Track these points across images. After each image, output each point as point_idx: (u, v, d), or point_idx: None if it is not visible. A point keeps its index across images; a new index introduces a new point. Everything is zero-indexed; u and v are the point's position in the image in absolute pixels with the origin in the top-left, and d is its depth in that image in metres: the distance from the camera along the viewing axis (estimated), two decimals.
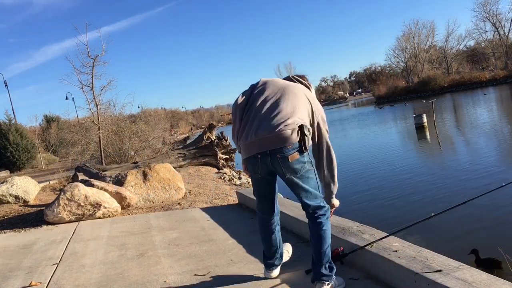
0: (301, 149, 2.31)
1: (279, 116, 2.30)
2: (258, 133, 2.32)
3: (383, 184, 9.32)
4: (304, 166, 2.34)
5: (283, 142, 2.28)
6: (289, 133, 2.27)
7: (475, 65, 68.44)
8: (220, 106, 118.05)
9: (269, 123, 2.30)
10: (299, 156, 2.31)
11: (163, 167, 7.17)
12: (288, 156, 2.29)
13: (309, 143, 2.34)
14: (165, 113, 51.68)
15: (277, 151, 2.30)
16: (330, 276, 2.37)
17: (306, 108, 2.40)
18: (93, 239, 4.43)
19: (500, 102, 28.80)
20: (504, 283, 1.91)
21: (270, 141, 2.30)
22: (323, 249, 2.37)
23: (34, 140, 21.67)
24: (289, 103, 2.35)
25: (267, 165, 2.36)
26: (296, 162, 2.31)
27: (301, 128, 2.30)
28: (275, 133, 2.27)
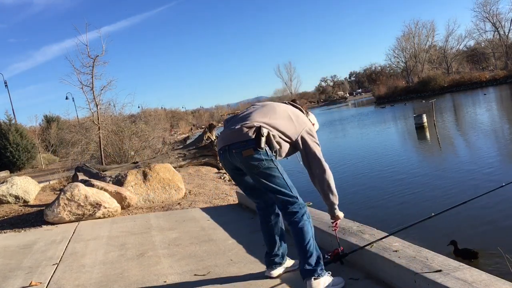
0: (256, 147, 2.44)
1: (244, 120, 2.55)
2: (224, 131, 2.64)
3: (383, 184, 9.31)
4: (262, 164, 2.46)
5: (238, 138, 2.49)
6: (245, 131, 2.47)
7: (475, 65, 68.41)
8: (220, 106, 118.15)
9: (234, 125, 2.57)
10: (254, 152, 2.45)
11: (163, 167, 7.17)
12: (242, 152, 2.46)
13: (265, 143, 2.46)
14: (165, 113, 51.67)
15: (233, 147, 2.50)
16: (314, 270, 2.43)
17: (281, 120, 2.57)
18: (93, 239, 4.43)
19: (500, 102, 28.80)
20: (504, 283, 1.91)
21: (228, 136, 2.56)
22: (301, 246, 2.47)
23: (34, 140, 21.68)
24: (260, 114, 2.57)
25: (229, 160, 2.57)
26: (251, 158, 2.45)
27: (258, 129, 2.46)
28: (234, 130, 2.52)
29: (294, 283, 2.63)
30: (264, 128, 2.47)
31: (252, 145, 2.44)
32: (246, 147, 2.45)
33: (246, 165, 2.48)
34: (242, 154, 2.46)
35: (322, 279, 2.42)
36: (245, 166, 2.50)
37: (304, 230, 2.47)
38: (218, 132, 13.69)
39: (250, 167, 2.48)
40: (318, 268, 2.44)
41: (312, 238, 2.50)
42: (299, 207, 2.51)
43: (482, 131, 15.58)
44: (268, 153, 2.47)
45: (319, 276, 2.42)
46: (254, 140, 2.44)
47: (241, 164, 2.51)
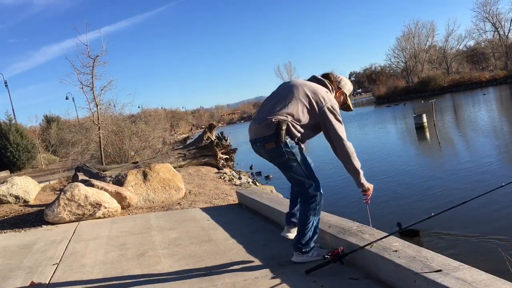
0: (277, 140, 2.68)
1: (265, 113, 2.79)
2: (251, 124, 2.89)
3: (383, 184, 9.32)
4: (283, 156, 2.72)
5: (260, 133, 2.76)
6: (265, 127, 2.72)
7: (475, 65, 68.40)
8: (220, 106, 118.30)
9: (258, 117, 2.83)
10: (275, 145, 2.70)
11: (163, 167, 7.17)
12: (265, 145, 2.74)
13: (286, 135, 2.69)
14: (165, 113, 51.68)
15: (257, 141, 2.80)
16: (300, 248, 2.85)
17: (299, 106, 2.72)
18: (93, 239, 4.43)
19: (500, 102, 28.80)
20: (504, 283, 1.91)
21: (253, 131, 2.84)
22: (301, 229, 2.83)
23: (34, 140, 21.66)
24: (279, 104, 2.76)
25: (257, 150, 2.87)
26: (272, 150, 2.73)
27: (278, 123, 2.68)
28: (256, 126, 2.80)
29: (294, 283, 2.63)
30: (283, 122, 2.67)
31: (273, 139, 2.69)
32: (268, 141, 2.71)
33: (269, 156, 2.80)
34: (265, 147, 2.74)
35: (304, 256, 2.85)
36: (268, 157, 2.81)
37: (306, 218, 2.81)
38: (218, 132, 13.71)
39: (272, 158, 2.79)
40: (306, 248, 2.85)
41: (312, 224, 2.83)
42: (313, 193, 2.78)
43: (482, 131, 15.58)
44: (289, 144, 2.71)
45: (302, 253, 2.86)
46: (274, 135, 2.68)
47: (265, 155, 2.82)
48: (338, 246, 2.82)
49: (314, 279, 2.63)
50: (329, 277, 2.65)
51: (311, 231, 2.85)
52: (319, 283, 2.57)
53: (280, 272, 2.84)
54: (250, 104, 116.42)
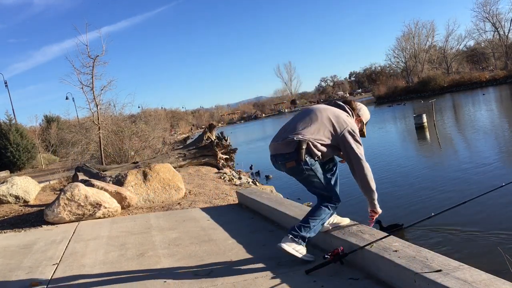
0: (297, 159, 2.83)
1: (287, 132, 2.95)
2: (273, 141, 3.05)
3: (383, 184, 9.31)
4: (303, 173, 2.89)
5: (281, 150, 2.92)
6: (286, 145, 2.88)
7: (475, 65, 68.33)
8: (220, 106, 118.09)
9: (280, 136, 2.99)
10: (296, 164, 2.86)
11: (163, 167, 7.17)
12: (285, 163, 2.91)
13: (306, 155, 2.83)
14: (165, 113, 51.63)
15: (278, 158, 2.96)
16: (297, 235, 2.88)
17: (322, 128, 2.89)
18: (93, 239, 4.43)
19: (499, 102, 28.79)
20: (504, 283, 1.91)
21: (275, 148, 2.99)
22: (308, 219, 2.92)
23: (34, 140, 21.65)
24: (302, 124, 2.92)
25: (278, 167, 3.03)
26: (294, 169, 2.90)
27: (299, 142, 2.83)
28: (278, 143, 2.95)
29: (295, 283, 2.63)
30: (303, 142, 2.83)
31: (294, 158, 2.84)
32: (288, 160, 2.88)
33: (290, 173, 2.98)
34: (286, 165, 2.91)
35: (296, 245, 2.88)
36: (289, 174, 2.99)
37: (318, 213, 2.93)
38: (218, 132, 13.72)
39: (293, 175, 2.97)
40: (299, 238, 2.89)
41: (318, 221, 2.94)
42: (330, 203, 2.95)
43: (482, 131, 15.58)
44: (309, 162, 2.86)
45: (297, 241, 2.88)
46: (295, 153, 2.83)
47: (286, 172, 2.99)
48: (338, 246, 2.82)
49: (314, 279, 2.63)
50: (329, 277, 2.65)
51: (312, 228, 2.91)
52: (319, 283, 2.57)
53: (280, 272, 2.84)
54: (250, 104, 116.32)
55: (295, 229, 2.91)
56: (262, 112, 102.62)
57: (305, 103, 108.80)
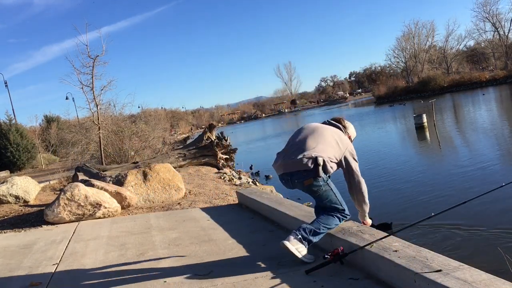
0: (315, 176, 2.95)
1: (302, 150, 3.02)
2: (285, 159, 3.09)
3: (383, 184, 9.31)
4: (320, 189, 3.01)
5: (298, 167, 2.97)
6: (304, 162, 2.95)
7: (475, 65, 68.33)
8: (220, 106, 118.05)
9: (293, 154, 3.04)
10: (314, 181, 2.97)
11: (163, 167, 7.17)
12: (304, 182, 2.99)
13: (322, 171, 2.96)
14: (165, 113, 51.62)
15: (295, 177, 3.02)
16: (303, 238, 2.91)
17: (330, 147, 3.05)
18: (93, 239, 4.43)
19: (499, 102, 28.79)
20: (504, 283, 1.91)
21: (289, 166, 3.03)
22: (319, 224, 2.98)
23: (34, 140, 21.65)
24: (313, 141, 3.05)
25: (291, 186, 3.10)
26: (311, 186, 2.99)
27: (315, 159, 2.94)
28: (295, 160, 3.00)
29: (295, 283, 2.63)
30: (320, 158, 2.95)
31: (312, 175, 2.95)
32: (306, 177, 2.97)
33: (307, 191, 3.05)
34: (304, 183, 2.99)
35: (300, 245, 2.90)
36: (306, 192, 3.05)
37: (330, 225, 3.01)
38: (218, 132, 13.71)
39: (310, 192, 3.04)
40: (306, 241, 2.92)
41: (324, 233, 3.00)
42: (342, 215, 3.08)
43: (482, 131, 15.57)
44: (324, 178, 3.00)
45: (302, 243, 2.91)
46: (313, 170, 2.94)
47: (303, 190, 3.06)
48: (338, 246, 2.82)
49: (314, 279, 2.63)
50: (329, 277, 2.65)
51: (320, 234, 2.98)
52: (319, 283, 2.57)
53: (280, 272, 2.84)
54: (250, 104, 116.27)
55: (306, 231, 2.93)
56: (262, 112, 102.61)
57: (305, 103, 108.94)
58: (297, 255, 2.89)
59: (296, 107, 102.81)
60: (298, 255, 2.90)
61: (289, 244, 2.90)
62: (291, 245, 2.90)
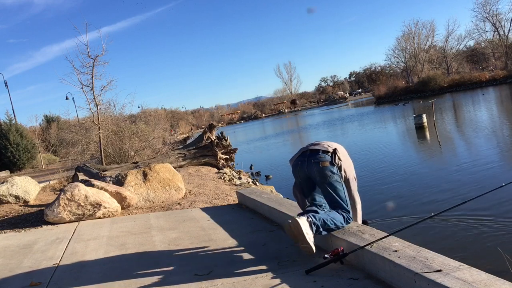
0: (332, 162, 3.11)
1: (323, 142, 3.35)
2: (307, 145, 3.36)
3: (383, 184, 9.32)
4: (333, 176, 3.10)
5: (320, 147, 3.20)
6: (326, 145, 3.23)
7: (475, 65, 68.36)
8: (220, 106, 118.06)
9: (316, 143, 3.34)
10: (329, 165, 3.10)
11: (163, 167, 7.17)
12: (320, 162, 3.11)
13: (339, 162, 3.17)
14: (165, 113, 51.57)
15: (314, 156, 3.14)
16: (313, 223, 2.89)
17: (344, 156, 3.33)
18: (93, 239, 4.43)
19: (499, 102, 28.80)
20: (504, 283, 1.91)
21: (313, 145, 3.28)
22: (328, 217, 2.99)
23: (34, 140, 21.67)
24: (332, 144, 3.33)
25: (305, 170, 3.17)
26: (326, 168, 3.10)
27: (334, 150, 3.18)
28: (316, 144, 3.31)
29: (294, 283, 2.63)
30: (338, 152, 3.20)
31: (329, 159, 3.12)
32: (324, 160, 3.11)
33: (320, 175, 3.10)
34: (319, 164, 3.09)
35: (309, 229, 2.86)
36: (320, 175, 3.10)
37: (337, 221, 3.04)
38: (218, 132, 13.71)
39: (323, 177, 3.09)
40: (313, 225, 2.91)
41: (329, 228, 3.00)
42: (348, 216, 3.12)
43: (482, 131, 15.58)
44: (338, 170, 3.15)
45: (310, 225, 2.88)
46: (331, 155, 3.14)
47: (317, 172, 3.11)
48: (338, 246, 2.82)
49: (314, 279, 2.63)
50: (329, 277, 2.65)
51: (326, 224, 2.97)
52: (319, 283, 2.56)
53: (280, 272, 2.84)
54: (250, 104, 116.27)
55: (316, 218, 2.92)
56: (262, 112, 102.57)
57: (305, 103, 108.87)
58: (306, 237, 2.81)
59: (296, 107, 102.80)
60: (307, 237, 2.81)
61: (302, 222, 2.83)
62: (303, 223, 2.83)
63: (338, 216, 3.04)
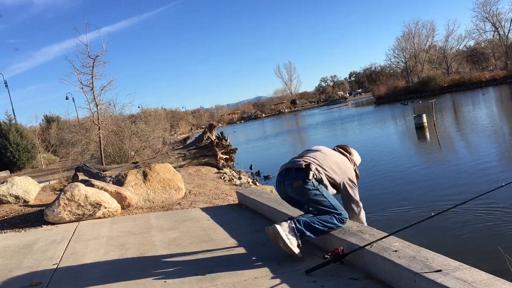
0: (304, 178, 2.99)
1: (302, 156, 3.23)
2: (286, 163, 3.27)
3: (383, 184, 9.32)
4: (310, 192, 3.00)
5: (292, 165, 3.12)
6: (299, 162, 3.11)
7: (475, 65, 68.40)
8: (220, 106, 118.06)
9: (294, 159, 3.24)
10: (303, 183, 3.00)
11: (163, 167, 7.17)
12: (293, 183, 3.05)
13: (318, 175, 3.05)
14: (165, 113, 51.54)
15: (287, 178, 3.10)
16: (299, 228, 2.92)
17: (331, 164, 3.19)
18: (93, 239, 4.43)
19: (499, 102, 28.80)
20: (504, 283, 1.91)
21: (286, 164, 3.21)
22: (314, 218, 2.99)
23: (34, 140, 21.67)
24: (312, 155, 3.20)
25: (283, 190, 3.17)
26: (299, 188, 3.01)
27: (308, 164, 3.05)
28: (293, 161, 3.21)
29: (294, 283, 2.63)
30: (313, 164, 3.06)
31: (302, 177, 3.00)
32: (296, 179, 3.02)
33: (297, 195, 3.06)
34: (292, 184, 3.03)
35: (291, 233, 2.91)
36: (296, 194, 3.06)
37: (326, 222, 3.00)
38: (218, 132, 13.72)
39: (300, 196, 3.04)
40: (297, 230, 2.93)
41: (321, 230, 3.00)
42: (340, 217, 3.06)
43: (482, 131, 15.58)
44: (314, 184, 3.02)
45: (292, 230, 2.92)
46: (304, 171, 3.01)
47: (293, 192, 3.07)
48: (338, 246, 2.82)
49: (314, 279, 2.63)
50: (329, 277, 2.65)
51: (314, 229, 2.97)
52: (319, 283, 2.56)
53: (280, 272, 2.84)
54: (250, 104, 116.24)
55: (300, 222, 2.94)
56: (262, 112, 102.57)
57: (305, 103, 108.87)
58: (287, 242, 2.88)
59: (296, 107, 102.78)
60: (288, 242, 2.88)
61: (280, 228, 2.88)
62: (282, 230, 2.88)
63: (328, 217, 3.02)
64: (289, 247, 2.89)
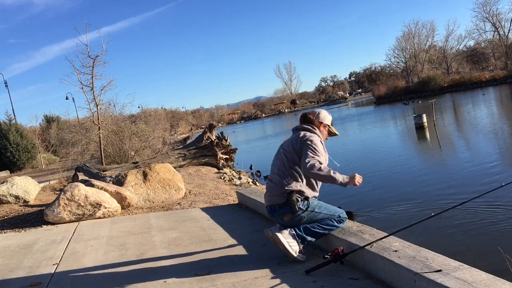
0: (292, 211, 2.93)
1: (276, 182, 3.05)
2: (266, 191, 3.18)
3: (383, 184, 9.31)
4: (302, 218, 2.97)
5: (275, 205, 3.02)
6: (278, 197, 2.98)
7: (475, 65, 68.38)
8: (220, 106, 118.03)
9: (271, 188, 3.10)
10: (292, 215, 2.96)
11: (163, 167, 7.16)
12: (283, 218, 3.00)
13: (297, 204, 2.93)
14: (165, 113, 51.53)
15: (275, 216, 3.06)
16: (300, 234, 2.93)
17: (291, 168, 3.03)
18: (93, 239, 4.43)
19: (499, 102, 28.80)
20: (504, 283, 1.91)
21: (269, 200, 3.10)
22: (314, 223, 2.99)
23: (34, 140, 21.66)
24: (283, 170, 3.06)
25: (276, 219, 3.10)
26: (292, 219, 2.97)
27: (289, 194, 2.93)
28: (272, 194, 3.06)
29: (294, 283, 2.63)
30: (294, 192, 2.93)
31: (289, 210, 2.93)
32: (284, 214, 2.96)
33: (290, 223, 2.98)
34: (283, 220, 2.99)
35: (293, 240, 2.91)
36: (290, 224, 2.99)
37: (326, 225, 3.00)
38: (218, 132, 13.72)
39: (294, 223, 2.98)
40: (298, 237, 2.94)
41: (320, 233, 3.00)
42: (340, 218, 3.06)
43: (482, 131, 15.57)
44: (303, 207, 2.95)
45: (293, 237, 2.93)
46: (288, 206, 2.92)
47: (288, 224, 3.00)
48: (338, 246, 2.82)
49: (314, 279, 2.63)
50: (329, 277, 2.65)
51: (313, 231, 2.97)
52: (319, 283, 2.56)
53: (280, 272, 2.84)
54: (250, 104, 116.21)
55: (300, 228, 2.96)
56: (262, 112, 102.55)
57: (305, 103, 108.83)
58: (288, 249, 2.89)
59: (296, 107, 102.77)
60: (289, 249, 2.90)
61: (281, 236, 2.89)
62: (283, 237, 2.89)
63: (326, 221, 3.03)
64: (291, 254, 2.91)
